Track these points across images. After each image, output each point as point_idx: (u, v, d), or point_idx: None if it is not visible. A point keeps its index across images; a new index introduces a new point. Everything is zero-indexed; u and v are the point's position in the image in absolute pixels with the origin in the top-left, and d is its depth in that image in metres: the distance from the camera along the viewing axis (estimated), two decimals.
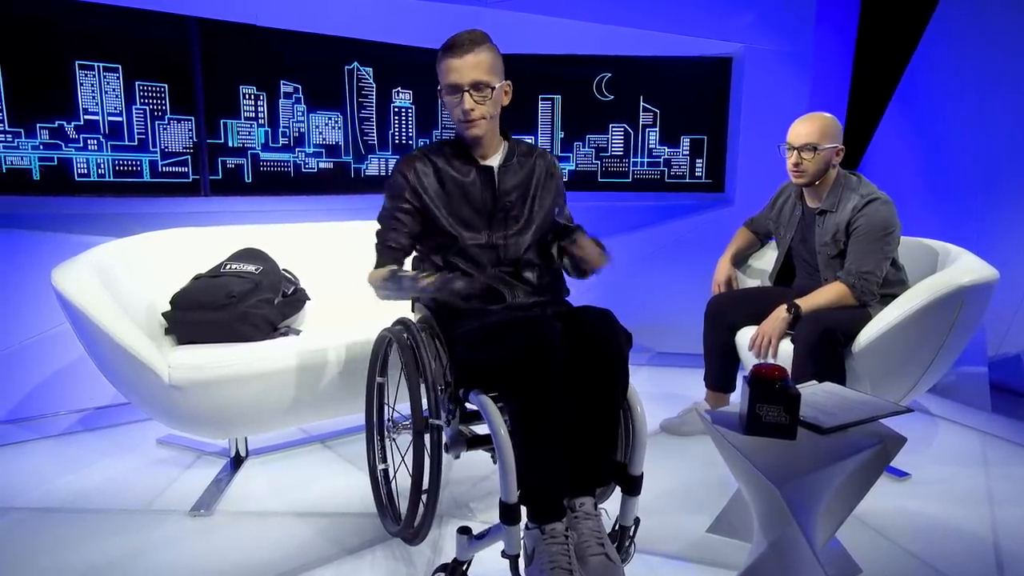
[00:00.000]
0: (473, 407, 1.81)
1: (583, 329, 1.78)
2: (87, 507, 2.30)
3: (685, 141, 4.21)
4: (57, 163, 2.99)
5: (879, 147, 4.20)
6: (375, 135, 3.81)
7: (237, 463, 2.61)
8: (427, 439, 1.83)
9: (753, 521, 1.76)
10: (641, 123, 4.18)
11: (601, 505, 1.79)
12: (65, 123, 3.00)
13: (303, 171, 3.63)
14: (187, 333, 2.40)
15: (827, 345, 2.36)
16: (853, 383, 2.39)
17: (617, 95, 4.14)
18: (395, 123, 3.85)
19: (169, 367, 2.08)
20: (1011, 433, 3.02)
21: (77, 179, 3.04)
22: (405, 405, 2.04)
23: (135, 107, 3.14)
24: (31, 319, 2.88)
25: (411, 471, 1.92)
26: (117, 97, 3.09)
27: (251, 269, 2.54)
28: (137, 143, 3.17)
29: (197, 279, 2.52)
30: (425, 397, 1.86)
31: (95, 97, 3.04)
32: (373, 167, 3.83)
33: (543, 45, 3.88)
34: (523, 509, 1.67)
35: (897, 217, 2.52)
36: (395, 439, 2.13)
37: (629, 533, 1.83)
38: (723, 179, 4.24)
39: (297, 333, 2.55)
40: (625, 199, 4.21)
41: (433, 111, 3.96)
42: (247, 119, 3.43)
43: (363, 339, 2.34)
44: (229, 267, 2.56)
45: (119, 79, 3.08)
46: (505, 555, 1.67)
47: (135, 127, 3.15)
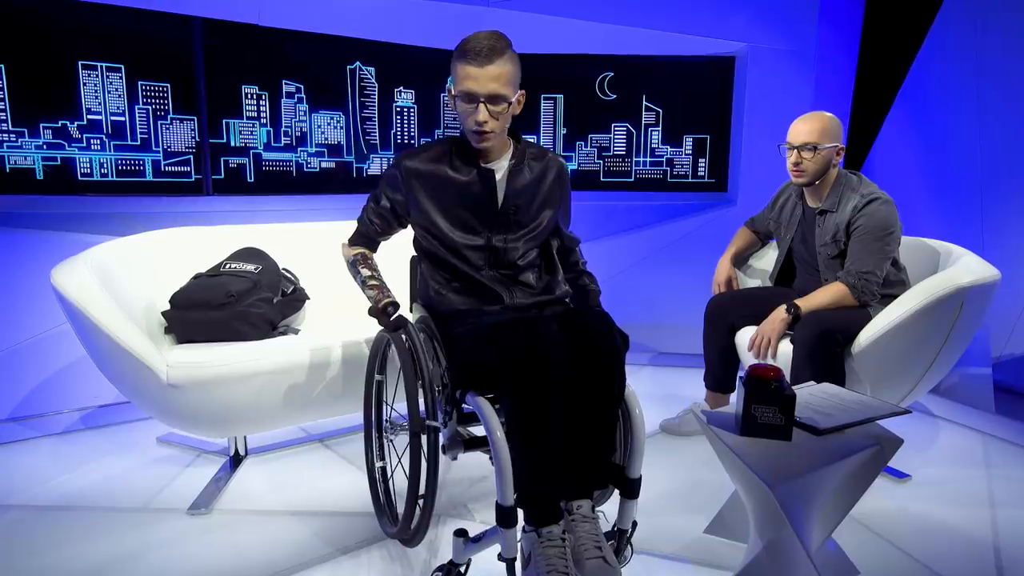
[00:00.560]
0: (470, 408, 1.79)
1: (581, 331, 1.76)
2: (86, 505, 2.31)
3: (688, 141, 4.20)
4: (60, 163, 3.02)
5: (883, 147, 4.18)
6: (377, 135, 3.82)
7: (236, 462, 2.62)
8: (424, 440, 1.82)
9: (749, 522, 1.75)
10: (644, 122, 4.17)
11: (599, 508, 1.78)
12: (68, 123, 3.02)
13: (305, 171, 3.64)
14: (186, 332, 2.41)
15: (826, 346, 2.34)
16: (853, 384, 2.38)
17: (620, 94, 4.13)
18: (397, 123, 3.86)
19: (167, 366, 2.09)
20: (1014, 435, 2.99)
21: (80, 179, 3.07)
22: (403, 405, 2.04)
23: (138, 107, 3.16)
24: (35, 318, 2.90)
25: (407, 473, 1.90)
26: (120, 97, 3.11)
27: (250, 268, 2.54)
28: (140, 143, 3.19)
29: (197, 278, 2.53)
30: (422, 398, 1.85)
31: (98, 97, 3.06)
32: (375, 167, 3.83)
33: (545, 44, 3.88)
34: (519, 511, 1.66)
35: (898, 217, 2.50)
36: (393, 439, 2.12)
37: (627, 536, 1.81)
38: (726, 179, 4.23)
39: (296, 332, 2.56)
40: (628, 199, 4.20)
41: (435, 111, 3.97)
42: (249, 119, 3.45)
43: (362, 338, 2.35)
44: (228, 266, 2.56)
45: (122, 79, 3.10)
46: (502, 558, 1.66)
47: (138, 127, 3.17)
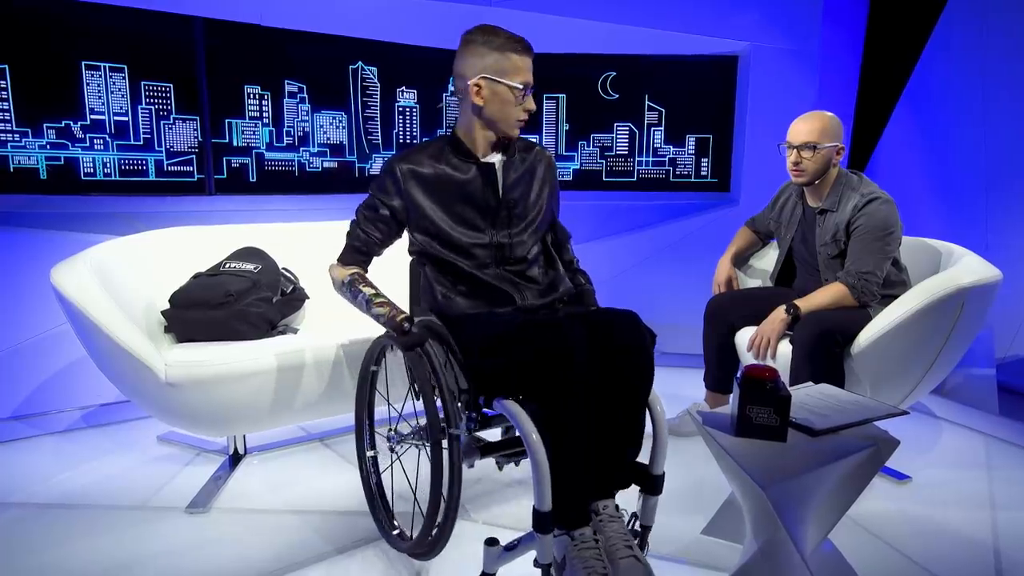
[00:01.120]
0: (494, 413, 1.77)
1: (609, 332, 1.75)
2: (85, 503, 2.33)
3: (690, 140, 4.19)
4: (64, 162, 3.04)
5: (887, 147, 4.16)
6: (379, 134, 3.82)
7: (236, 460, 2.63)
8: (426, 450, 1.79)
9: (745, 523, 1.75)
10: (646, 122, 4.16)
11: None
12: (72, 123, 3.04)
13: (307, 170, 3.65)
14: (185, 331, 2.42)
15: (825, 346, 2.33)
16: (852, 385, 2.37)
17: (622, 94, 4.12)
18: (399, 123, 3.86)
19: (166, 365, 2.10)
20: (1017, 436, 2.96)
21: (83, 178, 3.08)
22: (401, 408, 2.04)
23: (141, 107, 3.17)
24: (38, 316, 2.92)
25: (410, 484, 1.87)
26: (123, 97, 3.13)
27: (250, 268, 2.55)
28: (143, 142, 3.20)
29: (196, 277, 2.54)
30: (424, 406, 1.80)
31: (101, 97, 3.08)
32: (377, 167, 3.83)
33: (547, 44, 3.87)
34: None
35: (898, 217, 2.48)
36: (397, 451, 2.04)
37: (648, 532, 1.81)
38: (729, 178, 4.22)
39: (295, 332, 2.57)
40: (630, 198, 4.19)
41: (437, 110, 3.97)
42: (252, 119, 3.46)
43: (361, 338, 2.35)
44: (228, 266, 2.57)
45: (125, 79, 3.12)
46: (537, 564, 1.64)
47: (141, 127, 3.19)
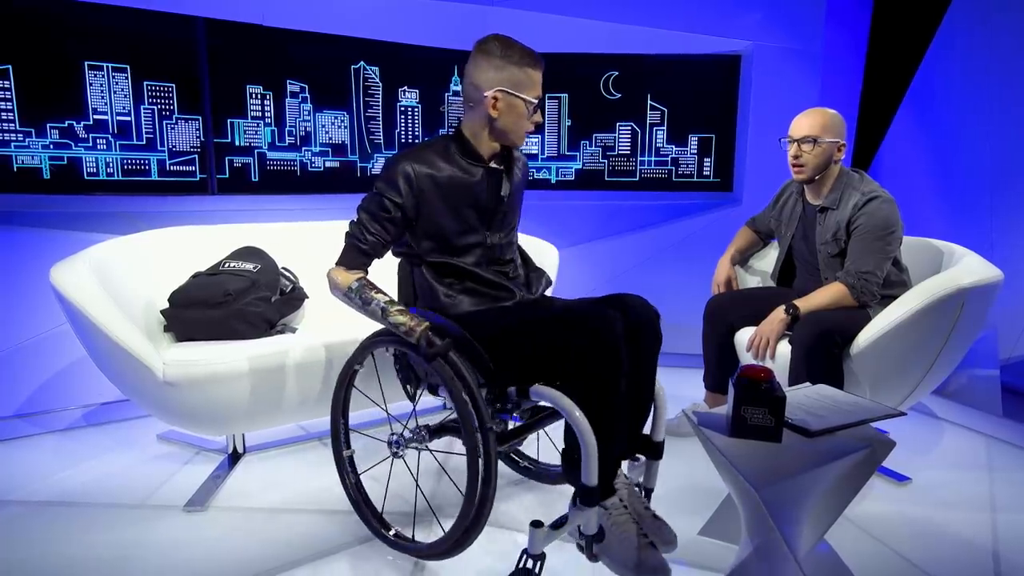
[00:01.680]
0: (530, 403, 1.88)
1: (629, 314, 1.90)
2: (83, 501, 2.34)
3: (693, 140, 4.18)
4: (67, 162, 3.05)
5: (891, 146, 4.13)
6: (381, 134, 3.83)
7: (235, 459, 2.64)
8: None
9: (741, 524, 1.74)
10: (648, 122, 4.15)
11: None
12: (75, 123, 3.05)
13: (309, 170, 3.66)
14: (184, 330, 2.43)
15: (825, 347, 2.32)
16: (852, 386, 2.36)
17: (624, 93, 4.11)
18: (401, 122, 3.87)
19: (164, 364, 2.11)
20: (1018, 437, 2.94)
21: (86, 178, 3.10)
22: (388, 414, 2.05)
23: (143, 107, 3.19)
24: (40, 316, 2.93)
25: (418, 481, 1.90)
26: (126, 97, 3.14)
27: (249, 267, 2.56)
28: (145, 142, 3.22)
29: (195, 277, 2.55)
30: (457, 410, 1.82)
31: (104, 97, 3.09)
32: (379, 166, 3.84)
33: (549, 43, 3.87)
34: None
35: (899, 216, 2.47)
36: (403, 455, 2.04)
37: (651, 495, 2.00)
38: (731, 178, 4.20)
39: (294, 331, 2.57)
40: (632, 198, 4.18)
41: (439, 110, 3.97)
42: (254, 118, 3.47)
43: (360, 338, 2.34)
44: (227, 265, 2.58)
45: (127, 79, 3.13)
46: (583, 535, 1.74)
47: (143, 126, 3.20)
